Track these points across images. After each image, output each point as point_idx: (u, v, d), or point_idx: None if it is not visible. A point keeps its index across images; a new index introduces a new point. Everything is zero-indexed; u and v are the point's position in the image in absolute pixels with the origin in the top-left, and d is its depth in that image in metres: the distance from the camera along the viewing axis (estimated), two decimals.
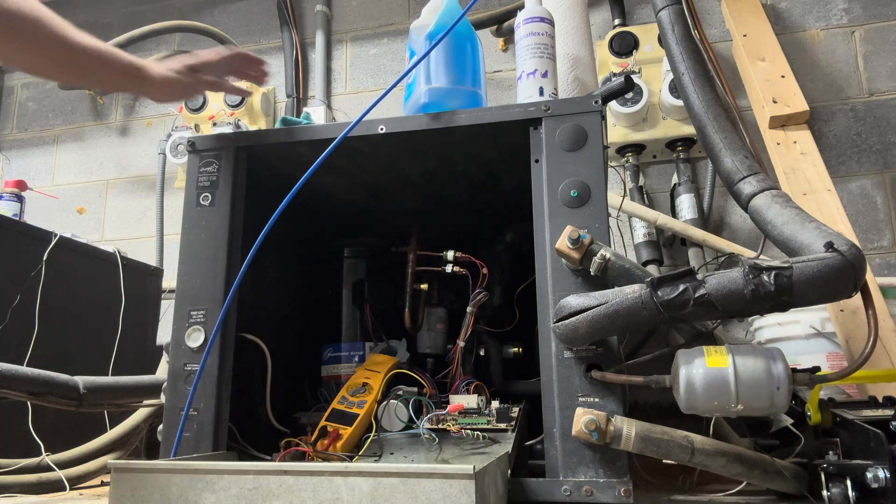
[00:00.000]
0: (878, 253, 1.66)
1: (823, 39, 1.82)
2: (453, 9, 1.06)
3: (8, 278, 1.45)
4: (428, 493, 0.60)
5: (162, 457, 0.94)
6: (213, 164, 1.06)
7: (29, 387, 1.12)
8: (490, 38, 2.06)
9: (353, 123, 0.97)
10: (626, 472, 0.81)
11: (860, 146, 1.73)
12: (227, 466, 0.67)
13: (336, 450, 0.98)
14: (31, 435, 1.35)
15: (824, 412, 0.90)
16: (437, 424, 1.00)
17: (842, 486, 0.81)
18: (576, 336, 0.82)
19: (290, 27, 2.22)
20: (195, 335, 0.98)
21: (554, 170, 0.93)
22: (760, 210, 0.92)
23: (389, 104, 1.19)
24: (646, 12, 1.96)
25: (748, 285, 0.73)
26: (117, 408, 1.39)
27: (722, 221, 1.76)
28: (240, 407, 1.01)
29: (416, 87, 1.07)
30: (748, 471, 0.82)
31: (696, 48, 1.09)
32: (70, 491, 1.29)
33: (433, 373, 1.22)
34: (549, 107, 0.95)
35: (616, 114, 1.74)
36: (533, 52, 1.04)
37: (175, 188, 2.19)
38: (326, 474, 0.63)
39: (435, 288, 1.28)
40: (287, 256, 1.29)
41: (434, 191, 1.25)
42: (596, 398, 0.84)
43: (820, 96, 1.77)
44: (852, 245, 0.75)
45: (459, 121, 0.98)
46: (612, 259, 0.84)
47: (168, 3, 2.43)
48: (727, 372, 0.75)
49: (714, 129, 1.02)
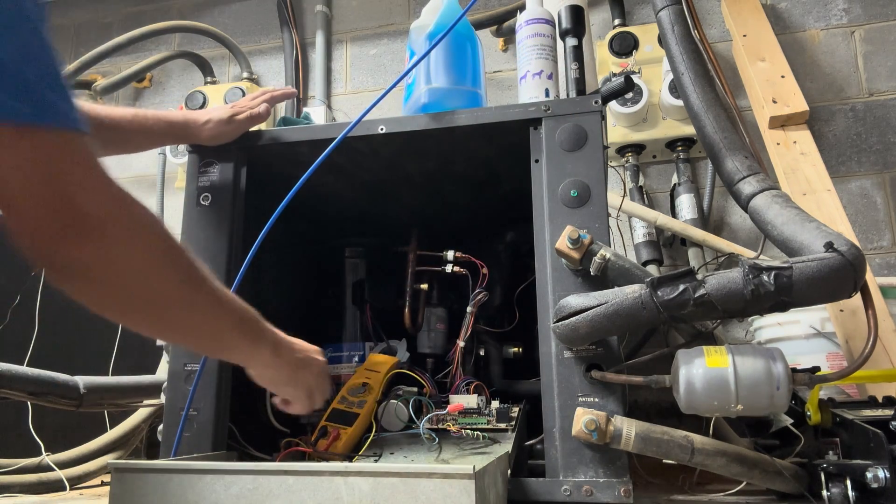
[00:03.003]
0: (878, 253, 1.66)
1: (823, 39, 1.82)
2: (453, 9, 1.06)
3: (8, 278, 1.45)
4: (428, 493, 0.60)
5: (162, 457, 0.94)
6: (213, 165, 1.06)
7: (29, 387, 1.12)
8: (490, 38, 2.06)
9: (353, 123, 0.97)
10: (626, 472, 0.81)
11: (860, 146, 1.72)
12: (227, 466, 0.67)
13: (336, 450, 0.98)
14: (31, 435, 1.35)
15: (824, 412, 0.90)
16: (437, 424, 1.00)
17: (842, 486, 0.81)
18: (576, 336, 0.82)
19: (290, 27, 2.22)
20: None
21: (554, 170, 0.93)
22: (760, 210, 0.92)
23: (389, 104, 1.19)
24: (646, 12, 1.95)
25: (748, 285, 0.73)
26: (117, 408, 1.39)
27: (722, 221, 1.76)
28: (240, 407, 1.01)
29: (416, 87, 1.07)
30: (748, 471, 0.82)
31: (696, 48, 1.09)
32: (70, 491, 1.29)
33: (433, 373, 1.22)
34: (549, 107, 0.95)
35: (616, 114, 1.74)
36: (538, 52, 1.04)
37: (175, 188, 2.18)
38: (326, 474, 0.63)
39: (435, 288, 1.28)
40: (287, 256, 1.29)
41: (434, 191, 1.25)
42: (596, 398, 0.84)
43: (820, 96, 1.77)
44: (852, 245, 0.75)
45: (459, 121, 0.98)
46: (612, 259, 0.84)
47: (168, 3, 2.43)
48: (727, 372, 0.75)
49: (714, 129, 1.02)
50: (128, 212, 0.62)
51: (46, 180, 0.56)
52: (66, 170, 0.57)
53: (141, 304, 0.66)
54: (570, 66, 1.00)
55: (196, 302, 0.70)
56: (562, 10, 1.03)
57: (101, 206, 0.59)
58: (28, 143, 0.54)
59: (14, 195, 0.55)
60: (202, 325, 0.73)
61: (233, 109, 1.05)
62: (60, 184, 0.57)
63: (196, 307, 0.71)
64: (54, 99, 0.56)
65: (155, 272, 0.65)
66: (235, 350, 0.79)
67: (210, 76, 2.22)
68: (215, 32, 2.18)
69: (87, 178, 0.59)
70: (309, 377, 0.88)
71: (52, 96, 0.56)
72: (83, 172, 0.58)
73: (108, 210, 0.60)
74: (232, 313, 0.75)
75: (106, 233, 0.59)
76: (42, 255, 0.58)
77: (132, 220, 0.63)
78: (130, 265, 0.63)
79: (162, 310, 0.68)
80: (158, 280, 0.66)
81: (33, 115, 0.54)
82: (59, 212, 0.57)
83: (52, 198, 0.56)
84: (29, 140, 0.54)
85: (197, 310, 0.71)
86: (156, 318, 0.69)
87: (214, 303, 0.72)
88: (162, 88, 2.36)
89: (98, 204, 0.59)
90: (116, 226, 0.60)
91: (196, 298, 0.70)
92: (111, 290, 0.64)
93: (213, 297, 0.72)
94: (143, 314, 0.68)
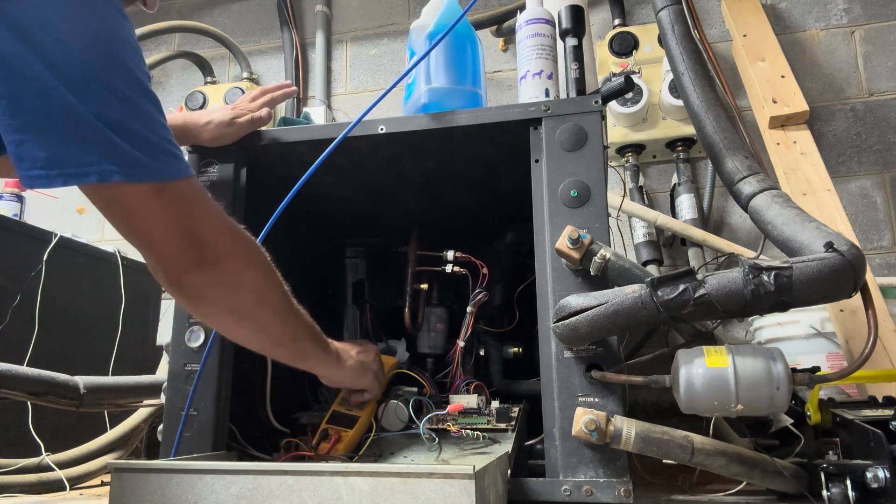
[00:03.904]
0: (878, 253, 1.66)
1: (823, 39, 1.82)
2: (453, 9, 1.06)
3: (8, 278, 1.45)
4: (428, 493, 0.60)
5: (162, 457, 0.94)
6: (213, 165, 1.06)
7: (29, 387, 1.12)
8: (490, 38, 2.06)
9: (353, 123, 0.97)
10: (626, 472, 0.81)
11: (860, 146, 1.73)
12: (227, 466, 0.67)
13: (337, 452, 0.98)
14: (31, 435, 1.35)
15: (824, 412, 0.90)
16: (437, 424, 1.00)
17: (842, 486, 0.81)
18: (576, 336, 0.82)
19: (290, 27, 2.22)
20: (195, 335, 0.99)
21: (554, 170, 0.93)
22: (760, 210, 0.92)
23: (389, 104, 1.19)
24: (646, 12, 1.96)
25: (748, 285, 0.73)
26: (117, 408, 1.39)
27: (722, 221, 1.76)
28: (240, 407, 1.01)
29: (416, 87, 1.07)
30: (748, 471, 0.82)
31: (696, 48, 1.09)
32: (70, 491, 1.29)
33: (433, 373, 1.22)
34: (549, 107, 0.95)
35: (616, 114, 1.74)
36: (539, 52, 1.04)
37: None
38: (326, 474, 0.63)
39: (435, 288, 1.28)
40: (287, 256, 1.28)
41: (434, 191, 1.25)
42: (596, 398, 0.84)
43: (820, 96, 1.77)
44: (852, 245, 0.75)
45: (459, 121, 0.98)
46: (612, 259, 0.84)
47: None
48: (727, 372, 0.75)
49: (714, 129, 1.02)
50: (240, 242, 0.75)
51: (180, 224, 0.68)
52: (192, 212, 0.69)
53: (248, 320, 0.79)
54: (570, 66, 1.00)
55: (288, 319, 0.82)
56: (562, 10, 1.03)
57: (220, 237, 0.72)
58: (165, 196, 0.66)
59: (155, 240, 0.68)
60: (292, 338, 0.85)
61: (233, 111, 1.05)
62: (190, 225, 0.69)
63: (288, 323, 0.83)
64: (176, 153, 0.68)
65: (260, 293, 0.77)
66: (312, 359, 0.91)
67: (210, 76, 2.22)
68: (215, 32, 2.18)
69: (208, 216, 0.71)
70: (371, 366, 1.02)
71: (174, 151, 0.67)
72: (204, 210, 0.71)
73: (224, 241, 0.72)
74: (309, 327, 0.87)
75: (224, 260, 0.72)
76: (175, 283, 0.71)
77: (244, 249, 0.75)
78: (242, 287, 0.75)
79: (264, 325, 0.80)
80: (262, 300, 0.78)
81: (166, 172, 0.66)
82: (190, 247, 0.69)
83: (184, 237, 0.69)
84: (166, 194, 0.66)
85: (289, 325, 0.83)
86: (258, 331, 0.81)
87: (299, 318, 0.84)
88: (162, 88, 2.36)
89: (217, 236, 0.72)
90: (232, 254, 0.73)
91: (288, 317, 0.82)
92: (226, 308, 0.76)
93: (298, 314, 0.84)
94: (249, 329, 0.80)
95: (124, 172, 0.62)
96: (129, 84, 0.64)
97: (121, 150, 0.62)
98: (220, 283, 0.73)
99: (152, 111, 0.67)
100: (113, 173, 0.62)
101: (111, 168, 0.62)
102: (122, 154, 0.62)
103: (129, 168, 0.63)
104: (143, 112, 0.65)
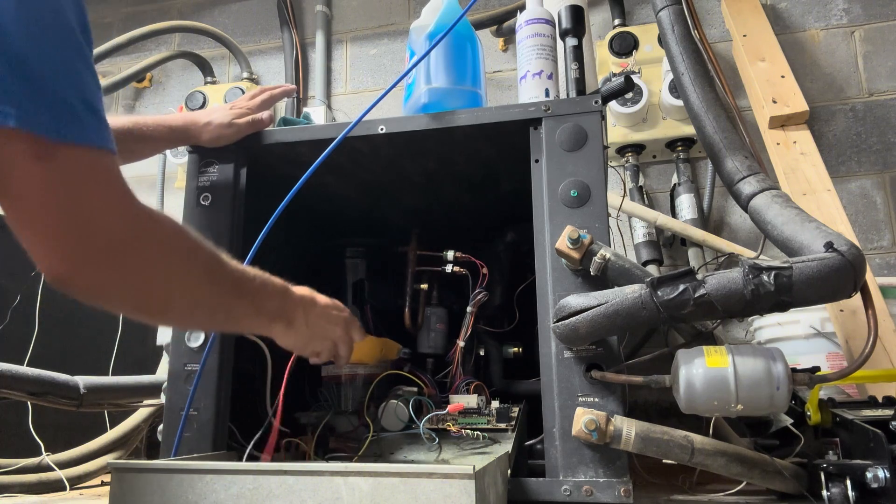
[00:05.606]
0: (878, 253, 1.66)
1: (823, 39, 1.82)
2: (453, 9, 1.06)
3: (8, 278, 1.45)
4: (428, 493, 0.60)
5: (162, 457, 0.94)
6: (213, 164, 1.06)
7: (29, 387, 1.12)
8: (490, 38, 2.06)
9: (353, 123, 0.97)
10: (626, 472, 0.81)
11: (860, 146, 1.72)
12: (227, 466, 0.67)
13: None
14: (31, 435, 1.35)
15: (824, 412, 0.90)
16: (437, 424, 1.00)
17: (841, 485, 0.81)
18: (576, 336, 0.82)
19: (290, 27, 2.22)
20: (195, 335, 0.99)
21: (554, 170, 0.93)
22: (760, 210, 0.92)
23: (389, 104, 1.19)
24: (646, 12, 1.95)
25: (748, 285, 0.73)
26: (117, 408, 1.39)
27: (722, 221, 1.76)
28: (240, 407, 1.01)
29: (416, 87, 1.07)
30: (748, 471, 0.82)
31: (696, 48, 1.09)
32: (70, 491, 1.29)
33: (433, 373, 1.22)
34: (549, 107, 0.95)
35: (616, 114, 1.74)
36: (539, 52, 1.04)
37: (175, 188, 2.18)
38: (326, 474, 0.63)
39: (435, 288, 1.28)
40: (287, 256, 1.29)
41: (434, 191, 1.25)
42: (596, 398, 0.84)
43: (820, 96, 1.77)
44: (852, 245, 0.75)
45: (459, 121, 0.98)
46: (612, 259, 0.84)
47: (168, 3, 2.43)
48: (727, 372, 0.75)
49: (714, 129, 1.02)
50: (149, 231, 0.62)
51: (63, 200, 0.54)
52: (85, 188, 0.55)
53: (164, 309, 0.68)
54: (570, 66, 1.00)
55: (218, 295, 0.72)
56: (562, 10, 1.03)
57: (118, 222, 0.58)
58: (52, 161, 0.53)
59: (34, 212, 0.54)
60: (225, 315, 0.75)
61: (233, 112, 1.05)
62: (77, 202, 0.55)
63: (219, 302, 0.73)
64: (87, 117, 0.55)
65: (177, 285, 0.66)
66: (255, 329, 0.84)
67: (210, 76, 2.22)
68: (215, 32, 2.18)
69: (106, 194, 0.57)
70: (331, 331, 0.91)
71: (85, 114, 0.55)
72: (102, 189, 0.57)
73: (123, 226, 0.58)
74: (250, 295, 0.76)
75: (127, 256, 0.59)
76: (61, 278, 0.57)
77: (153, 240, 0.62)
78: (153, 282, 0.63)
79: (186, 312, 0.71)
80: (181, 290, 0.67)
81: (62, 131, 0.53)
82: (80, 235, 0.55)
83: (72, 219, 0.55)
84: (56, 159, 0.53)
85: (221, 305, 0.73)
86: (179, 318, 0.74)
87: (233, 292, 0.74)
88: (162, 88, 2.36)
89: (114, 219, 0.57)
90: (137, 248, 0.60)
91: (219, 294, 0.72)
92: (135, 305, 0.65)
93: (232, 287, 0.73)
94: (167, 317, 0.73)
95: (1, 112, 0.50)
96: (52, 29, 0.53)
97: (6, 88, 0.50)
98: (122, 282, 0.60)
99: (75, 61, 0.55)
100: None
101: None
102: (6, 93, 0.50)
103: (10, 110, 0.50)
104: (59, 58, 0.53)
